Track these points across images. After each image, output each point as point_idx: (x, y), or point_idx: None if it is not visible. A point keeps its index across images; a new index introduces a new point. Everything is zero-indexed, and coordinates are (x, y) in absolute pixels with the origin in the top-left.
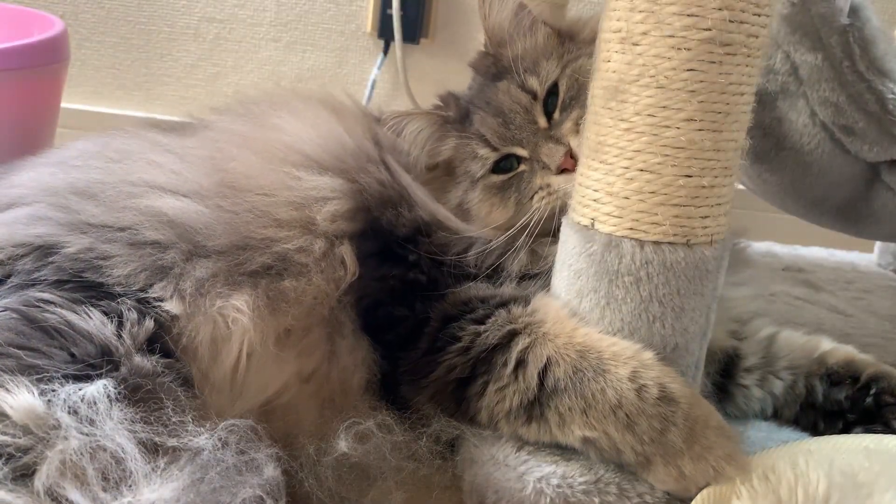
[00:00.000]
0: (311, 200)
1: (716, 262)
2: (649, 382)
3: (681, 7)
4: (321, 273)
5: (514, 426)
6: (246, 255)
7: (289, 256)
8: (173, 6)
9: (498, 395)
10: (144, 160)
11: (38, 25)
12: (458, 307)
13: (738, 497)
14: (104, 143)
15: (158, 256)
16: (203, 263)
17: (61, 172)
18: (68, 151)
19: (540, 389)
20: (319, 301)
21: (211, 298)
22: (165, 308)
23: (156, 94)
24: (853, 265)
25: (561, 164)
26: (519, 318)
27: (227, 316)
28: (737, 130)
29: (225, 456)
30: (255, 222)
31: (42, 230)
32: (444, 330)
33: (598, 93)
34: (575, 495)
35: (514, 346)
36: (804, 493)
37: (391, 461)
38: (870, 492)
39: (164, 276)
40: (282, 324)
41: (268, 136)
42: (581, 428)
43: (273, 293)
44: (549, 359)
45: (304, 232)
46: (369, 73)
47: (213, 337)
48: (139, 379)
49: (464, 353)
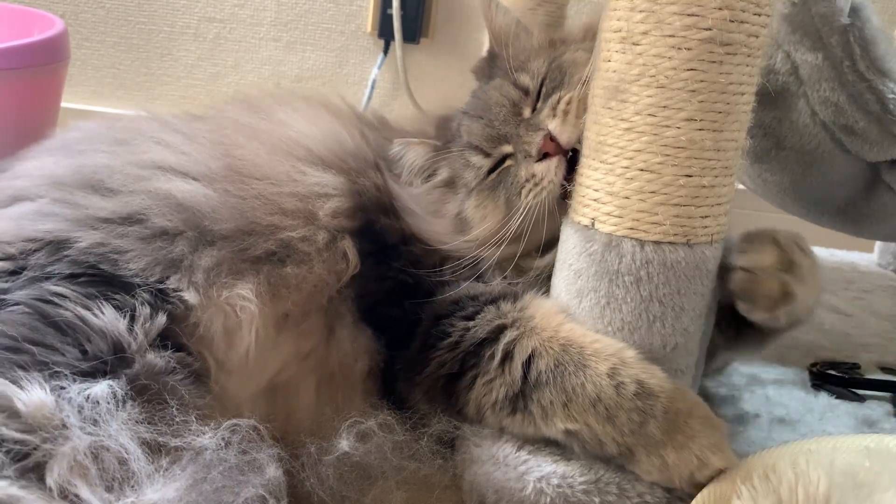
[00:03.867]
0: (314, 195)
1: (716, 261)
2: (626, 380)
3: (681, 7)
4: (323, 263)
5: (499, 417)
6: (251, 241)
7: (292, 244)
8: (173, 6)
9: (485, 388)
10: (153, 139)
11: (39, 25)
12: (449, 306)
13: (739, 497)
14: (110, 123)
15: (168, 249)
16: (208, 252)
17: (65, 158)
18: (73, 133)
19: (524, 382)
20: (319, 289)
21: (218, 289)
22: (184, 298)
23: (156, 94)
24: (853, 265)
25: (541, 148)
26: (508, 314)
27: (235, 305)
28: (737, 130)
29: (227, 455)
30: (262, 209)
31: (50, 226)
32: (436, 327)
33: (598, 93)
34: (575, 495)
35: (502, 339)
36: (805, 492)
37: (392, 461)
38: (870, 491)
39: (177, 268)
40: (280, 308)
41: (274, 129)
42: (563, 420)
43: (274, 279)
44: (533, 351)
45: (308, 223)
46: (369, 72)
47: (225, 327)
48: (148, 377)
49: (453, 347)
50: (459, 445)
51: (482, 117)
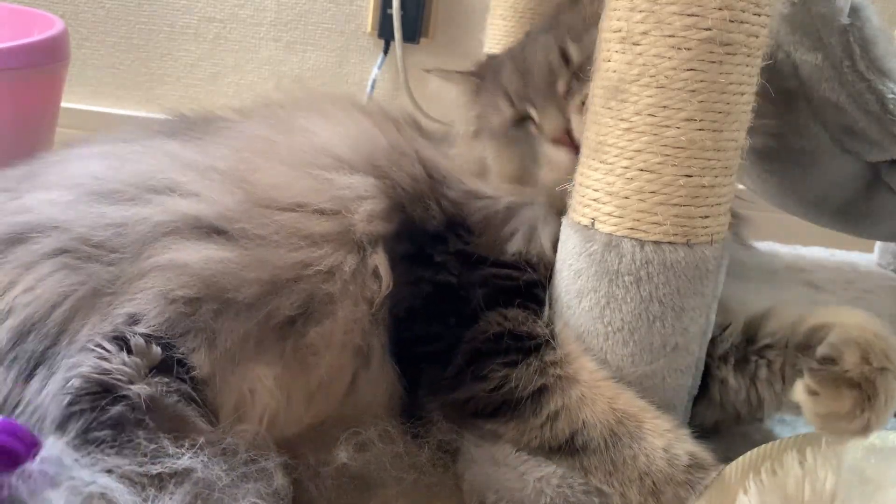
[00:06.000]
0: (347, 201)
1: (716, 261)
2: (680, 451)
3: (681, 7)
4: (349, 299)
5: (520, 446)
6: (274, 304)
7: (315, 293)
8: (173, 6)
9: (517, 432)
10: (158, 186)
11: (39, 25)
12: (491, 343)
13: (746, 492)
14: (118, 166)
15: (189, 312)
16: (230, 325)
17: (73, 210)
18: (81, 169)
19: (567, 443)
20: (350, 330)
21: (235, 364)
22: (194, 363)
23: (156, 94)
24: (853, 265)
25: (554, 136)
26: (549, 370)
27: (252, 389)
28: (737, 130)
29: (232, 463)
30: (285, 244)
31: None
32: (474, 364)
33: (598, 92)
34: (575, 495)
35: (546, 404)
36: (811, 488)
37: (392, 472)
38: (876, 488)
39: (196, 334)
40: (314, 381)
41: (294, 140)
42: (600, 482)
43: (300, 351)
44: (584, 422)
45: (338, 244)
46: (369, 72)
47: (236, 404)
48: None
49: (489, 392)
50: (460, 447)
51: (520, 70)
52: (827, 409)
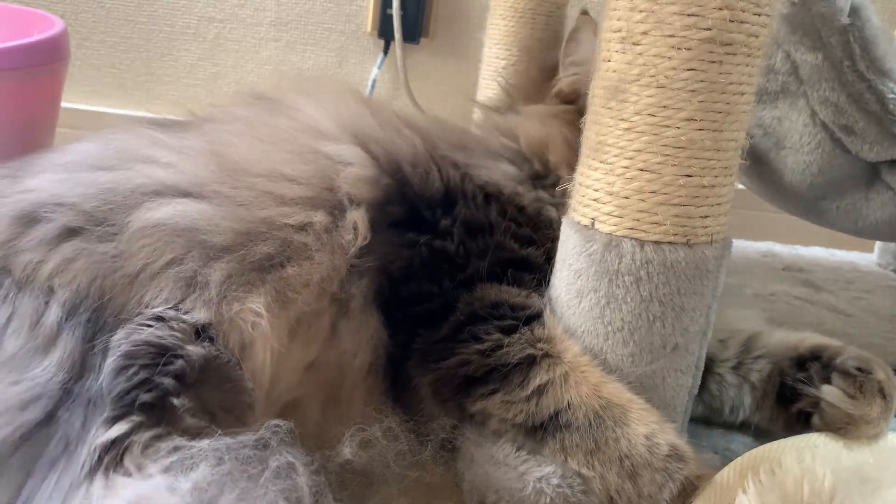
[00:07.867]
0: (327, 168)
1: (716, 261)
2: (661, 441)
3: (681, 7)
4: (324, 247)
5: (504, 428)
6: (250, 247)
7: (289, 239)
8: (173, 6)
9: (504, 406)
10: (140, 157)
11: (39, 25)
12: (488, 309)
13: (745, 491)
14: (105, 145)
15: (180, 269)
16: (216, 266)
17: (71, 182)
18: (73, 151)
19: (550, 420)
20: (328, 277)
21: (228, 303)
22: (194, 319)
23: (156, 94)
24: (853, 265)
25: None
26: (539, 344)
27: (247, 321)
28: (737, 130)
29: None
30: (255, 203)
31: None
32: (470, 326)
33: (598, 92)
34: (575, 495)
35: (534, 377)
36: (810, 488)
37: (395, 469)
38: (875, 487)
39: (192, 288)
40: (293, 314)
41: (277, 120)
42: (579, 465)
43: (280, 285)
44: (569, 402)
45: (307, 209)
46: (369, 72)
47: (241, 343)
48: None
49: (481, 355)
50: (460, 446)
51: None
52: (861, 412)
